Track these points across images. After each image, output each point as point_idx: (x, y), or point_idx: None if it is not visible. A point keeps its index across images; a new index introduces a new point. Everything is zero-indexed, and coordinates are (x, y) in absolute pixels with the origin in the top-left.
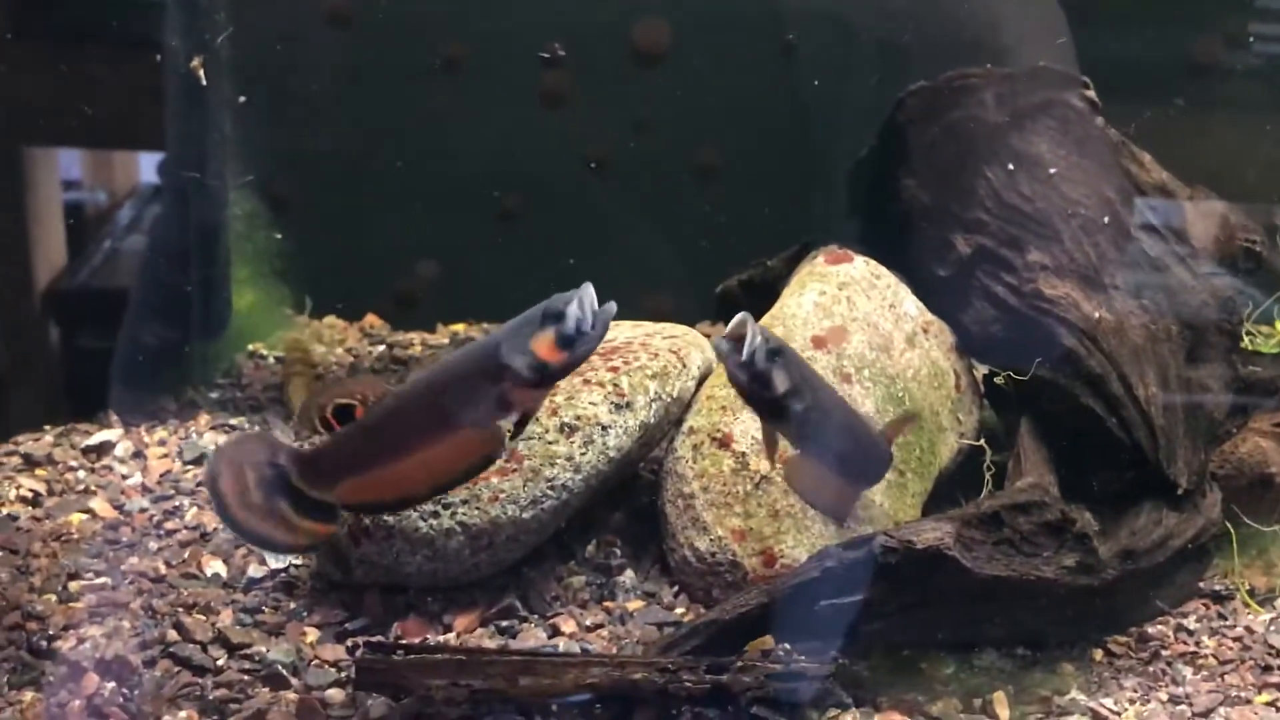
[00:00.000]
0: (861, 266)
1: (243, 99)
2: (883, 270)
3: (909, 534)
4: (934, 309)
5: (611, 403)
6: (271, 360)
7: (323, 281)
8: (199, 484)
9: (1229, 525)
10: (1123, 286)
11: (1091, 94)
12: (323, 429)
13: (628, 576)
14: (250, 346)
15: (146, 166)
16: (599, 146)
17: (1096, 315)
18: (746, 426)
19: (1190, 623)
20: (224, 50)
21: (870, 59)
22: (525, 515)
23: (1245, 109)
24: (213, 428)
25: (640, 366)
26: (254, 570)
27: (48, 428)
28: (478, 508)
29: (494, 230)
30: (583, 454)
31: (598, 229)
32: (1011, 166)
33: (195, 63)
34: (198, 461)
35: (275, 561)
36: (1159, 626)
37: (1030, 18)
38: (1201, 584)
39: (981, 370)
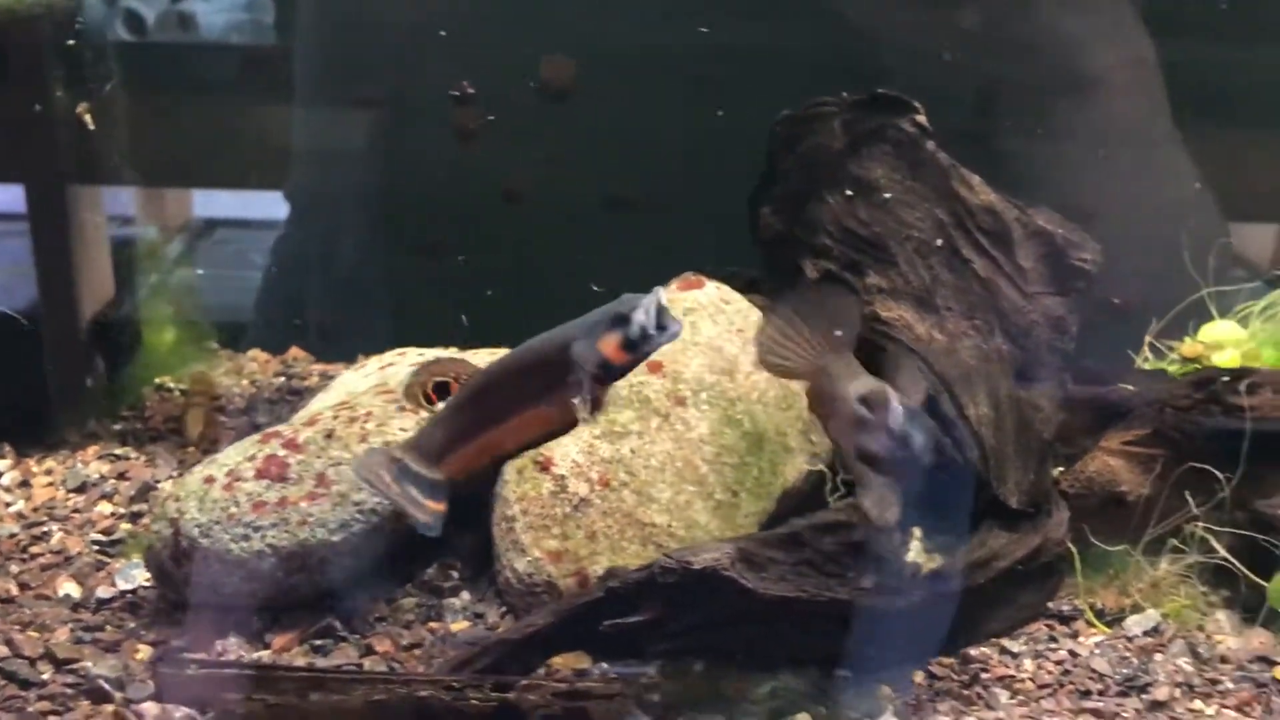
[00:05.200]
0: (712, 292)
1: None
2: (734, 296)
3: (688, 555)
4: None
5: None
6: (177, 393)
7: (246, 316)
8: (74, 510)
9: (1071, 546)
10: (955, 308)
11: (922, 119)
12: (425, 405)
13: (461, 598)
14: (158, 380)
15: (200, 202)
16: (514, 180)
17: (929, 336)
18: (566, 450)
19: (1016, 645)
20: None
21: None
22: (335, 539)
23: None
24: (100, 457)
25: None
26: (103, 591)
27: None
28: (287, 531)
29: (415, 263)
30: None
31: (515, 260)
32: (850, 192)
33: (81, 108)
34: (80, 489)
35: (124, 583)
36: (983, 649)
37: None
38: (1050, 604)
39: None
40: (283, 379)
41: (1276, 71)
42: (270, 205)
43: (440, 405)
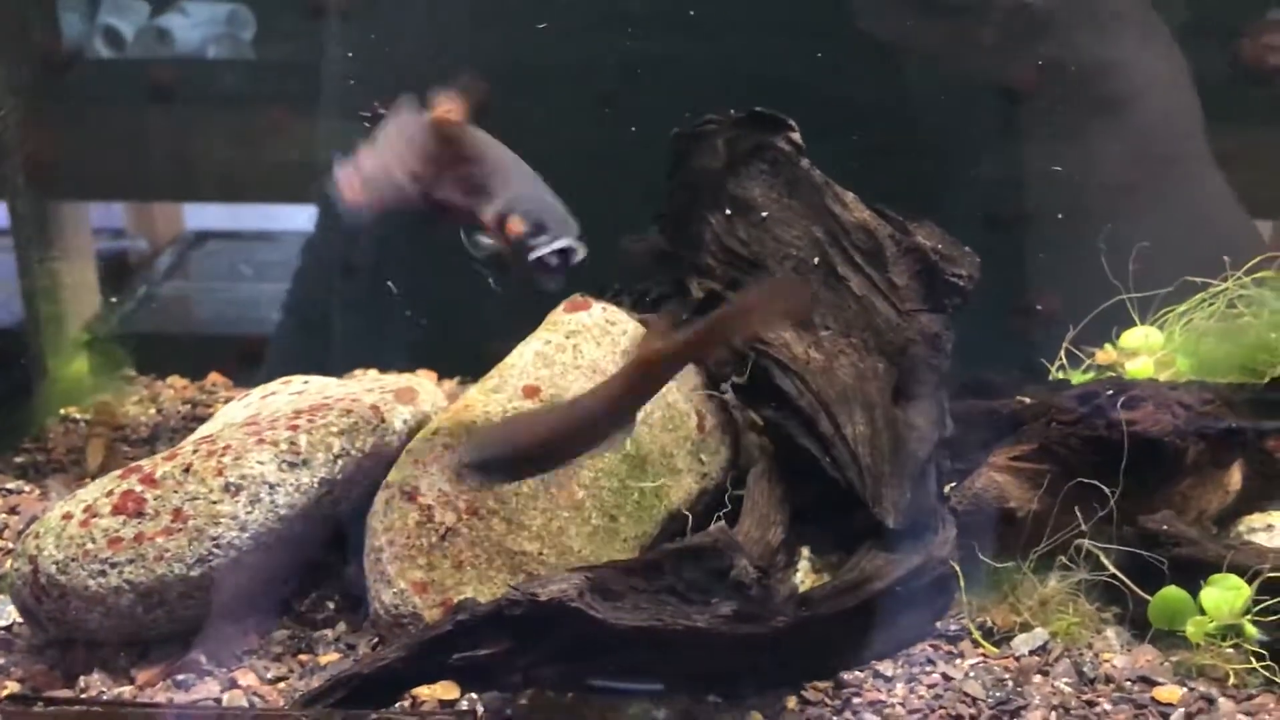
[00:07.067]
0: (597, 314)
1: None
2: (621, 317)
3: (535, 586)
4: None
5: (284, 461)
6: (82, 424)
7: (165, 342)
8: None
9: (956, 565)
10: (832, 326)
11: (797, 136)
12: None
13: (336, 629)
14: (63, 410)
15: (191, 215)
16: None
17: (807, 356)
18: (434, 480)
19: (891, 669)
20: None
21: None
22: (193, 574)
23: None
24: None
25: (326, 424)
26: None
27: None
28: (144, 566)
29: (339, 284)
30: (249, 513)
31: (436, 282)
32: (730, 211)
33: None
34: None
35: None
36: (858, 672)
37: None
38: (939, 624)
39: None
40: (188, 406)
41: None
42: (261, 218)
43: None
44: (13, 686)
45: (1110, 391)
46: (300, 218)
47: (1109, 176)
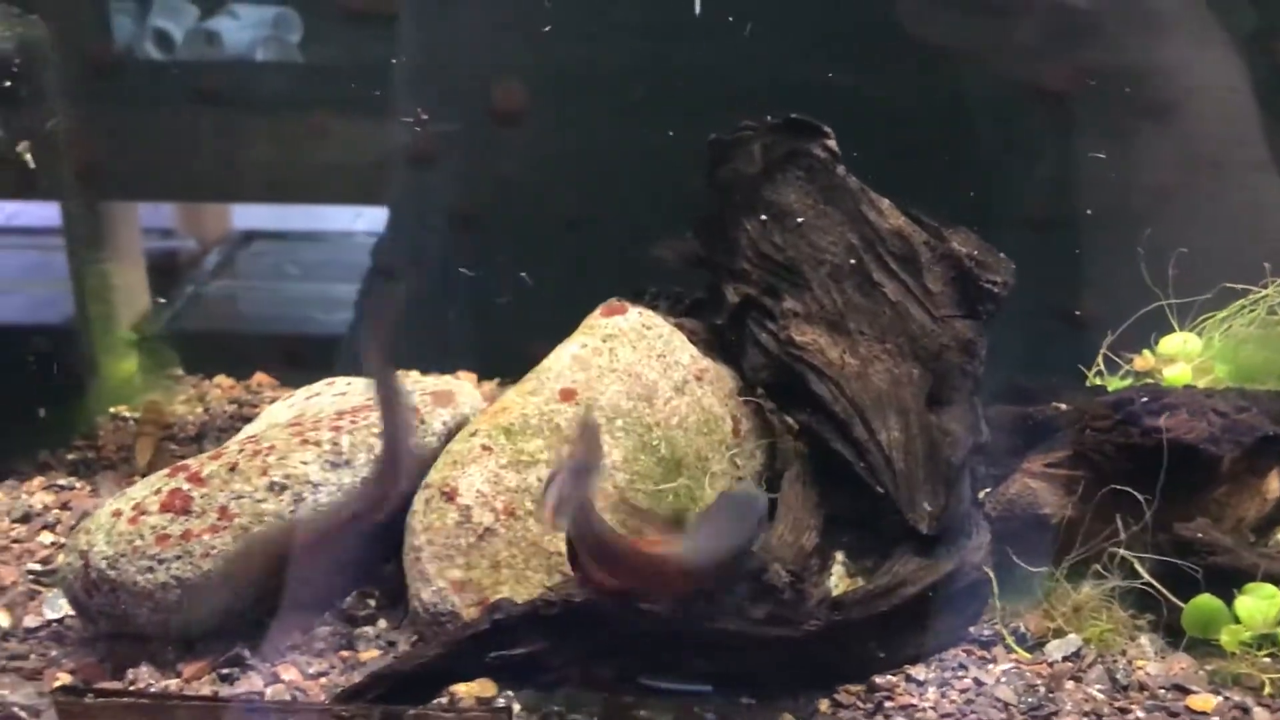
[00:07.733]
0: (634, 318)
1: None
2: (656, 320)
3: (571, 587)
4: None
5: (326, 461)
6: (131, 422)
7: (213, 341)
8: (14, 540)
9: (989, 571)
10: (867, 332)
11: (833, 143)
12: None
13: (377, 626)
14: (113, 409)
15: (240, 215)
16: (468, 203)
17: (842, 361)
18: (473, 480)
19: (924, 673)
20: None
21: None
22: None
23: None
24: (45, 488)
25: (368, 425)
26: (31, 620)
27: None
28: (190, 563)
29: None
30: (292, 512)
31: (473, 282)
32: (765, 217)
33: (21, 147)
34: (24, 519)
35: (51, 612)
36: (891, 676)
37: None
38: (972, 629)
39: None
40: (234, 406)
41: None
42: (308, 218)
43: None
44: (64, 678)
45: (1144, 398)
46: (345, 218)
47: (1156, 181)
